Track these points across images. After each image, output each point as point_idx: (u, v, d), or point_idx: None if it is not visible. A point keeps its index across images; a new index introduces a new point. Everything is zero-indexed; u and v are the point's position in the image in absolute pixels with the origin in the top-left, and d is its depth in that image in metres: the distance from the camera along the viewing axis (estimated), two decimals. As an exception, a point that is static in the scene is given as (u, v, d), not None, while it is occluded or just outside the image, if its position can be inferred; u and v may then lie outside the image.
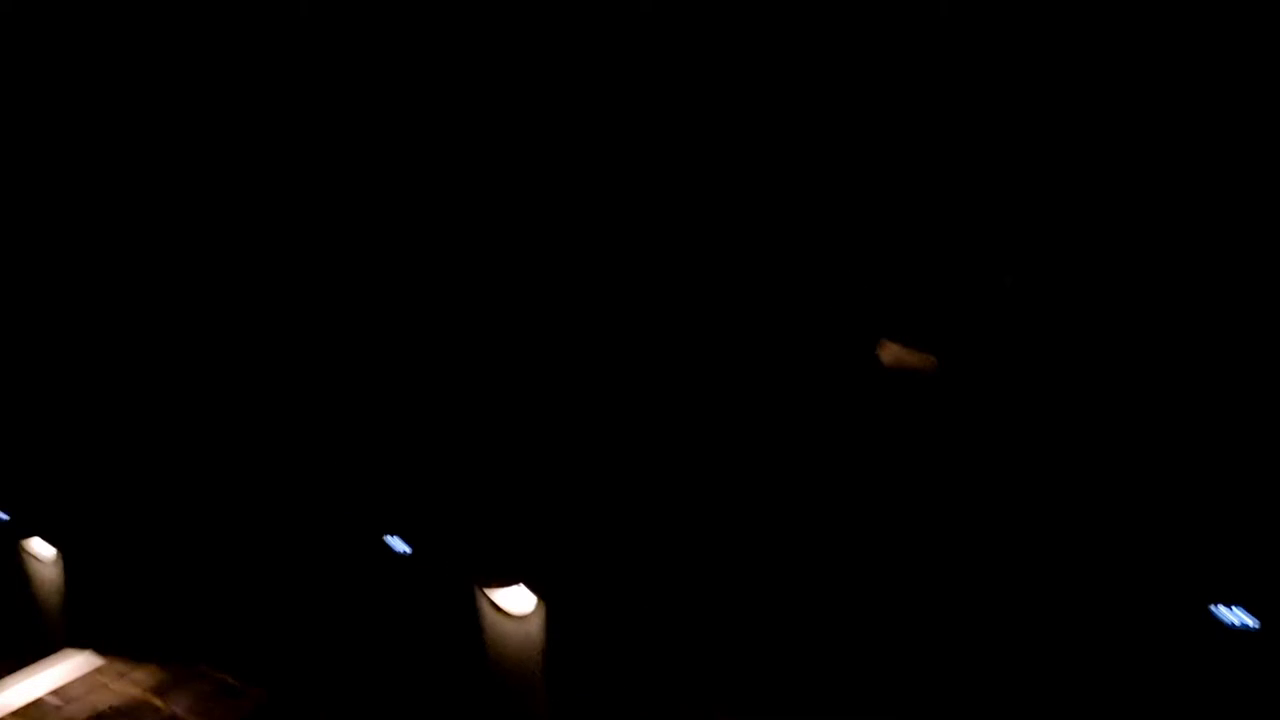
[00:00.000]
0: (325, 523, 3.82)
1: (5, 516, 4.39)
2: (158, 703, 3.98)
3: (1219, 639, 3.03)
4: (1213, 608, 3.04)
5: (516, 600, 3.57)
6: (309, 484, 3.77)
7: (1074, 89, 3.08)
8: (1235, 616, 3.06)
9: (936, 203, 3.42)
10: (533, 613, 3.55)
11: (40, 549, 4.37)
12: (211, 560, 4.14)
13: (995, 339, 3.18)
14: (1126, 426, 3.06)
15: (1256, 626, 3.02)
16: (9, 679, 4.20)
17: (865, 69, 3.54)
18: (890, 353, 3.04)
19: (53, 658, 4.31)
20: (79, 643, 4.42)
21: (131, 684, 4.13)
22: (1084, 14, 3.01)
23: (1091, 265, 3.06)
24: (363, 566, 3.85)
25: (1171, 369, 2.93)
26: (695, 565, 3.25)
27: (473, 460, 3.54)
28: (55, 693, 4.12)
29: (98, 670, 4.26)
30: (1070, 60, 3.08)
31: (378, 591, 3.86)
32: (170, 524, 4.11)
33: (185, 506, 4.01)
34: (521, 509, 3.52)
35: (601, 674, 3.55)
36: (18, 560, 4.39)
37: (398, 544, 3.76)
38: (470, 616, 3.65)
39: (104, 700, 4.01)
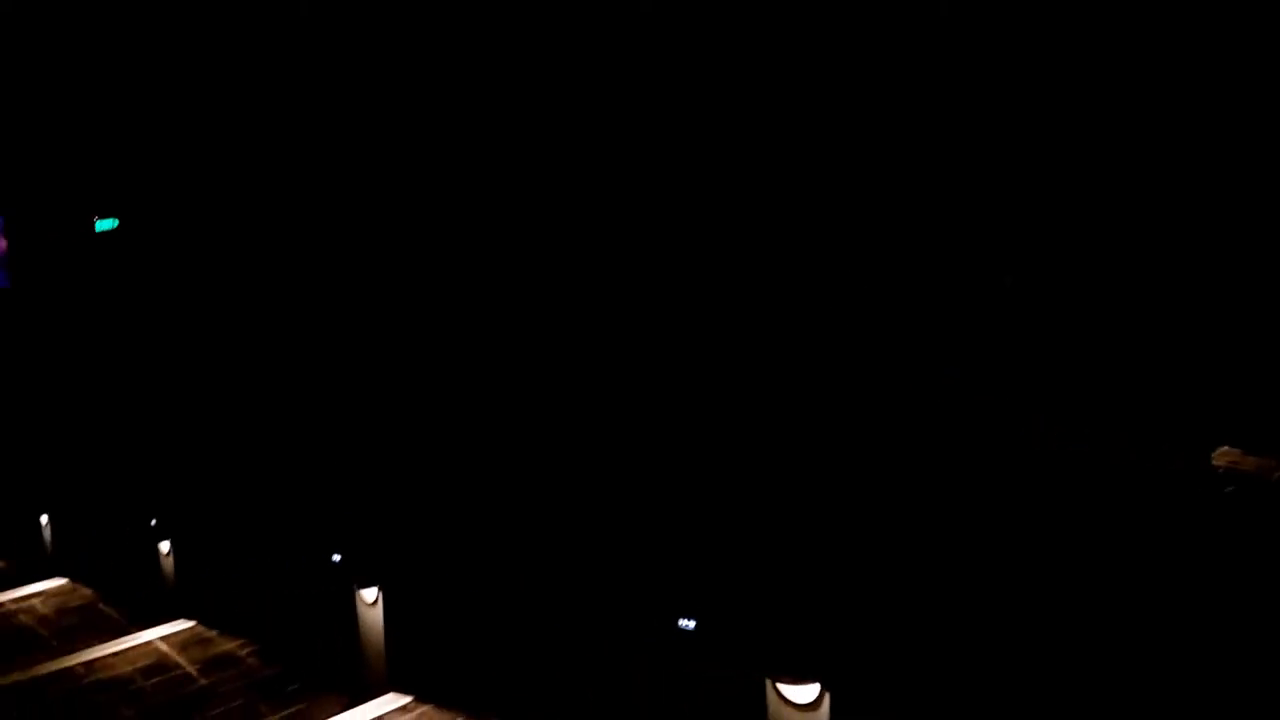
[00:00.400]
0: (623, 598, 3.78)
1: (338, 558, 4.76)
2: (458, 751, 4.14)
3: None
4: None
5: (802, 690, 3.32)
6: (612, 558, 3.75)
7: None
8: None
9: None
10: (819, 703, 3.28)
11: (364, 591, 4.69)
12: (518, 614, 4.22)
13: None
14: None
15: None
16: (341, 715, 4.53)
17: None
18: (1226, 457, 2.72)
19: (376, 701, 4.60)
20: (400, 685, 4.67)
21: (434, 730, 4.33)
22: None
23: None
24: (654, 641, 3.75)
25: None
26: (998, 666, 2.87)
27: (775, 547, 3.36)
28: (375, 728, 4.40)
29: (411, 713, 4.50)
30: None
31: (666, 666, 3.74)
32: (489, 579, 4.25)
33: (504, 563, 4.13)
34: (821, 602, 3.28)
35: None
36: (350, 601, 4.73)
37: (687, 624, 3.65)
38: (754, 700, 3.43)
39: (412, 741, 4.24)
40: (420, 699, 4.61)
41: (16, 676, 5.52)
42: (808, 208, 3.86)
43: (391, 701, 4.61)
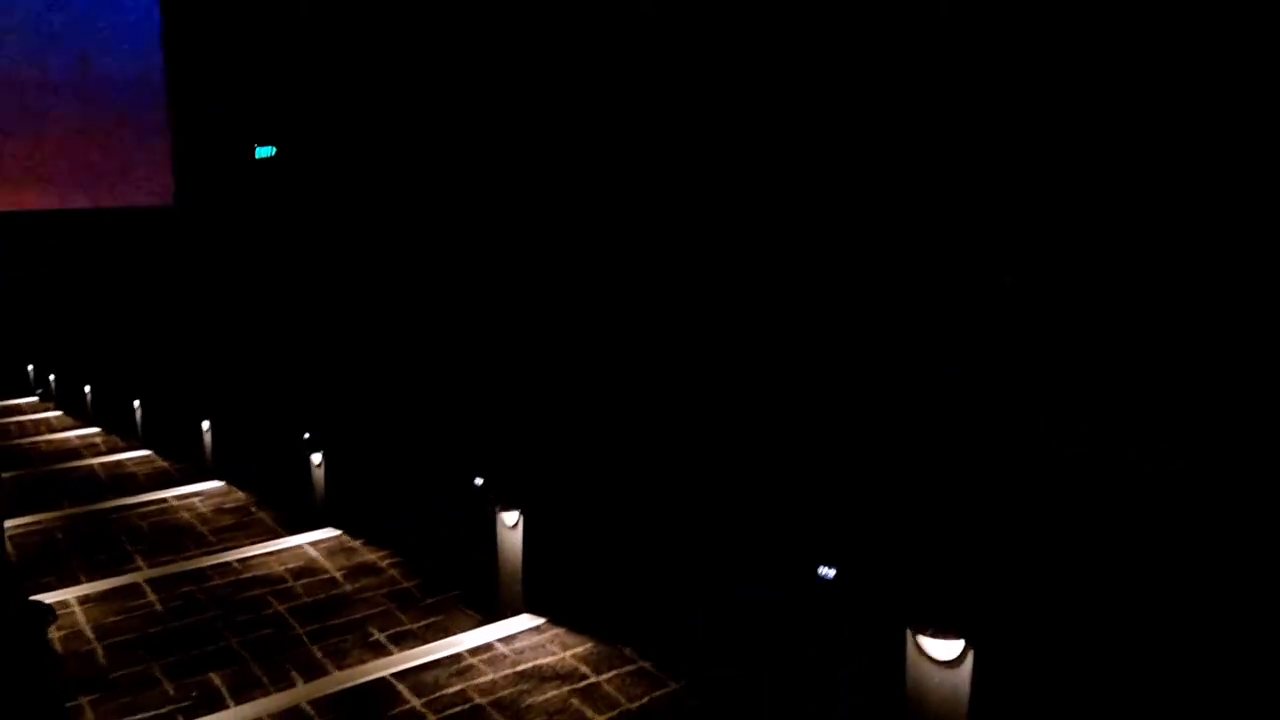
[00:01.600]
0: (765, 541, 3.82)
1: (480, 481, 4.92)
2: (587, 671, 4.25)
3: None
4: None
5: (944, 646, 3.28)
6: (757, 500, 3.79)
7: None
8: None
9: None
10: (961, 659, 3.24)
11: (506, 516, 4.84)
12: (653, 551, 4.30)
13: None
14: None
15: None
16: (475, 629, 4.71)
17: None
18: None
19: (510, 619, 4.76)
20: (534, 607, 4.82)
21: (567, 651, 4.45)
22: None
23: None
24: (791, 589, 3.77)
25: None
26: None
27: (923, 499, 3.34)
28: (506, 642, 4.58)
29: (543, 633, 4.65)
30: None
31: (801, 613, 3.76)
32: (625, 509, 4.34)
33: (646, 496, 4.21)
34: (967, 554, 3.24)
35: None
36: (490, 524, 4.89)
37: (827, 571, 3.65)
38: (893, 654, 3.41)
39: (544, 659, 4.38)
40: (553, 622, 4.74)
41: (181, 565, 5.92)
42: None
43: (525, 622, 4.76)
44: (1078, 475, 2.93)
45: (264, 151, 8.72)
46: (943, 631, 3.22)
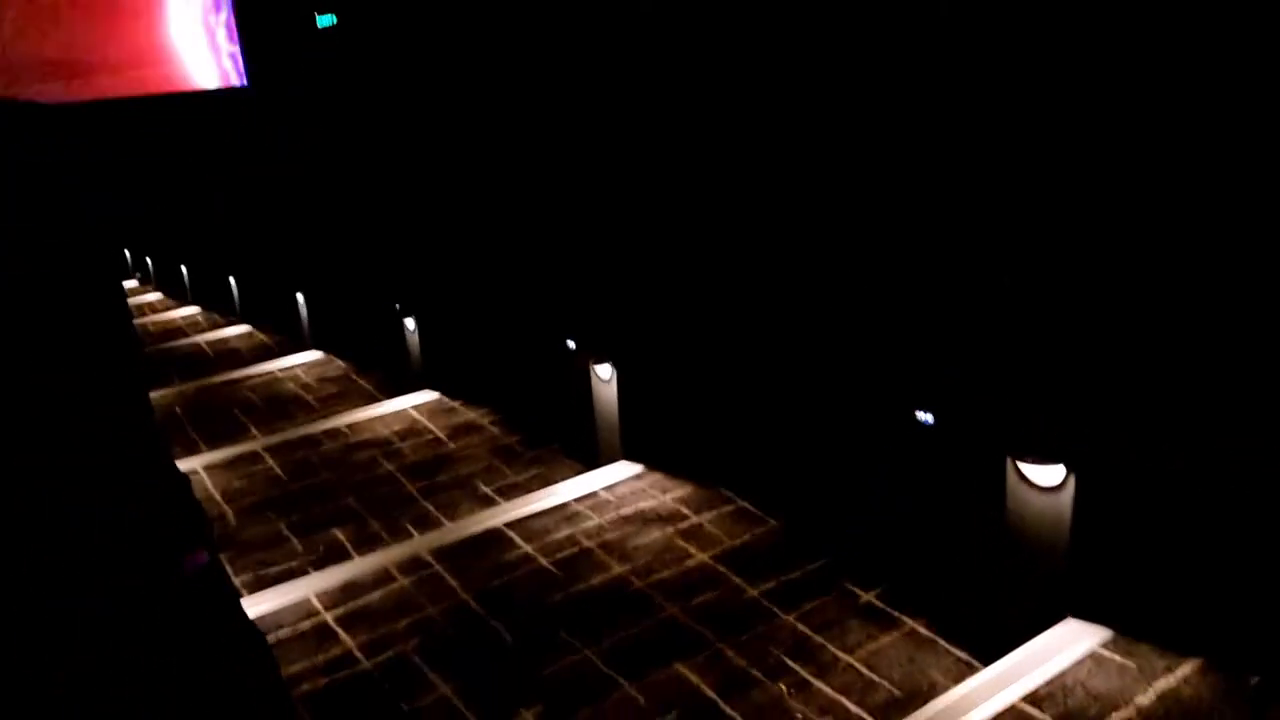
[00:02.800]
0: (857, 389, 3.85)
1: (573, 344, 5.00)
2: (688, 513, 4.39)
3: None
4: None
5: (1045, 472, 3.29)
6: (848, 350, 3.80)
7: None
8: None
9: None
10: (1062, 486, 3.25)
11: (600, 369, 4.93)
12: (747, 396, 4.36)
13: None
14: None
15: None
16: (577, 478, 4.88)
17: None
18: None
19: (609, 467, 4.91)
20: (631, 455, 4.96)
21: (666, 495, 4.60)
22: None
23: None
24: (889, 428, 3.81)
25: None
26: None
27: (1014, 327, 3.31)
28: (608, 489, 4.75)
29: (642, 480, 4.80)
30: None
31: (901, 450, 3.80)
32: (717, 357, 4.39)
33: (732, 341, 4.25)
34: (1064, 379, 3.21)
35: (1129, 557, 3.17)
36: (586, 379, 5.00)
37: (926, 416, 3.67)
38: (992, 483, 3.45)
39: (645, 504, 4.54)
40: (652, 468, 4.89)
41: (293, 431, 6.21)
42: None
43: (625, 469, 4.92)
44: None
45: (325, 20, 8.59)
46: (1044, 457, 3.23)
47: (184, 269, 11.72)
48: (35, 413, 1.79)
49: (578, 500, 4.65)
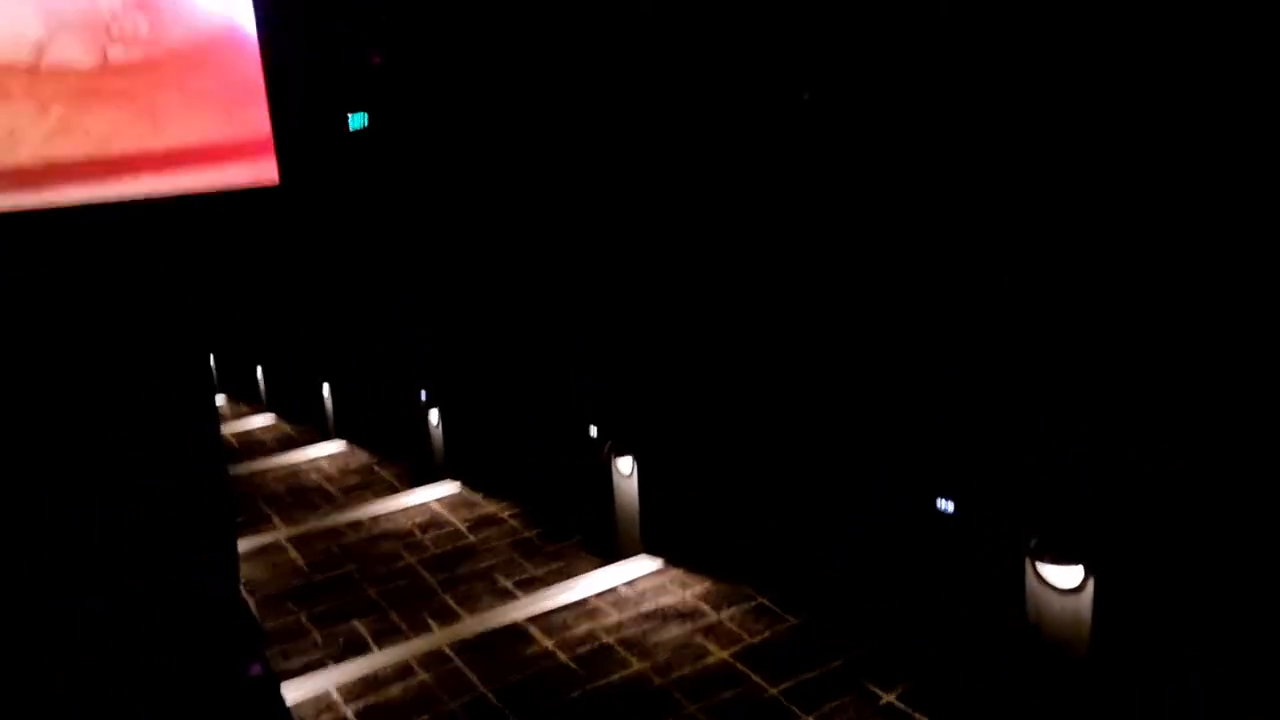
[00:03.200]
0: (876, 478, 3.89)
1: (595, 431, 5.07)
2: (708, 609, 4.40)
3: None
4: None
5: (1063, 573, 3.31)
6: (866, 434, 3.86)
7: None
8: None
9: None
10: (1081, 587, 3.26)
11: (621, 464, 4.99)
12: (767, 491, 4.40)
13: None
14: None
15: None
16: (596, 572, 4.90)
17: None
18: None
19: (629, 561, 4.93)
20: (652, 550, 4.98)
21: (686, 591, 4.62)
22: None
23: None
24: (908, 522, 3.83)
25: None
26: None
27: (1038, 422, 3.36)
28: (628, 585, 4.78)
29: (663, 575, 4.82)
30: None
31: (921, 546, 3.82)
32: (737, 451, 4.44)
33: (757, 439, 4.31)
34: (1083, 479, 3.25)
35: (1155, 663, 3.16)
36: (606, 473, 5.05)
37: (946, 505, 3.71)
38: (1011, 582, 3.46)
39: (665, 599, 4.56)
40: (672, 563, 4.90)
41: (316, 523, 6.27)
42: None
43: (645, 564, 4.93)
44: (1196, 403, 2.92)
45: (357, 121, 8.89)
46: (1063, 558, 3.25)
47: (211, 358, 11.93)
48: (133, 542, 1.93)
49: (598, 595, 4.67)
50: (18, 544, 1.87)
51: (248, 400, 10.73)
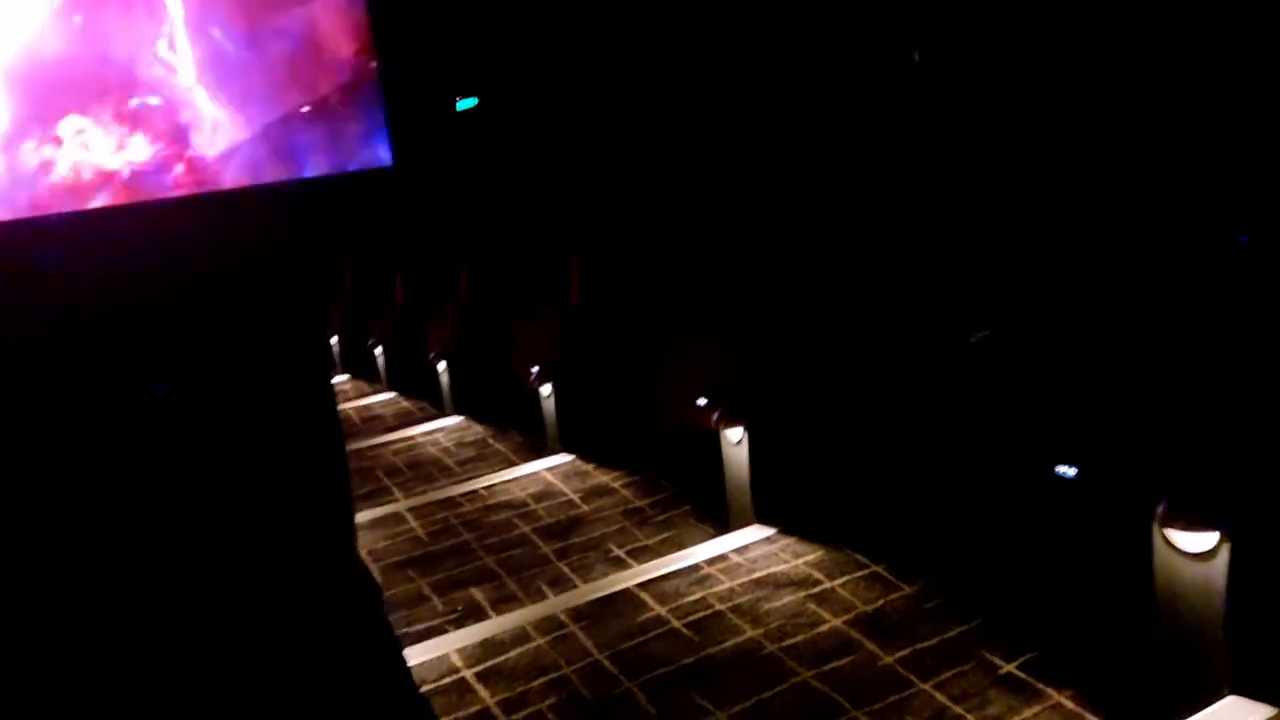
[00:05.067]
0: (1000, 447, 3.79)
1: (703, 401, 5.05)
2: (821, 577, 4.36)
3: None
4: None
5: (1194, 539, 3.16)
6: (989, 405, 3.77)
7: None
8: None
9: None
10: (1215, 553, 3.11)
11: (730, 433, 4.96)
12: (880, 458, 4.33)
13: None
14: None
15: None
16: (708, 541, 4.91)
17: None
18: None
19: (741, 530, 4.92)
20: (763, 519, 4.96)
21: (799, 559, 4.58)
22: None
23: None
24: (1026, 488, 3.73)
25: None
26: None
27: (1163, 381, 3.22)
28: (739, 552, 4.76)
29: (774, 543, 4.79)
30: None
31: (1039, 513, 3.71)
32: (850, 417, 4.39)
33: (865, 400, 4.26)
34: (1218, 439, 3.09)
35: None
36: (715, 441, 5.04)
37: (1067, 471, 3.58)
38: (1139, 549, 3.32)
39: (777, 567, 4.53)
40: (784, 531, 4.87)
41: (434, 494, 6.45)
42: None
43: (757, 532, 4.92)
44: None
45: (465, 104, 9.01)
46: (1194, 523, 3.10)
47: (334, 339, 12.35)
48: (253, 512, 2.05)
49: (709, 563, 4.67)
50: (136, 515, 1.98)
51: (369, 379, 11.08)
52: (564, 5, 6.37)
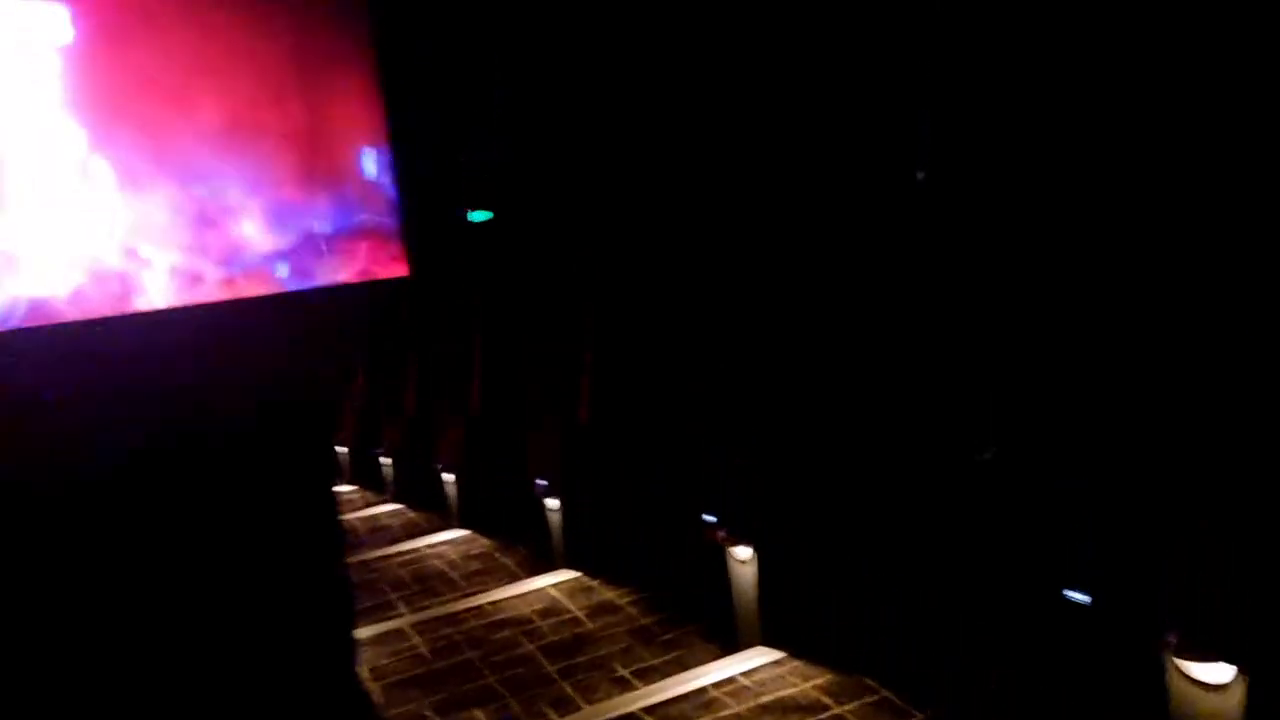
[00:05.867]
0: (1005, 569, 3.77)
1: (712, 519, 5.05)
2: (829, 702, 4.28)
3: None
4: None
5: (1212, 669, 3.11)
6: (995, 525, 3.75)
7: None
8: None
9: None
10: (1231, 685, 3.06)
11: (738, 551, 4.94)
12: (891, 583, 4.29)
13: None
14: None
15: None
16: (715, 663, 4.84)
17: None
18: None
19: (748, 652, 4.85)
20: (771, 640, 4.89)
21: (807, 682, 4.50)
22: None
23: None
24: (1036, 614, 3.69)
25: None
26: None
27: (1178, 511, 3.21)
28: (746, 675, 4.68)
29: (782, 666, 4.72)
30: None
31: (1049, 639, 3.65)
32: (858, 540, 4.36)
33: (879, 526, 4.24)
34: (1230, 571, 3.07)
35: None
36: (722, 559, 5.01)
37: (1077, 595, 3.56)
38: (1151, 676, 3.27)
39: (785, 691, 4.46)
40: (792, 654, 4.79)
41: (438, 609, 6.38)
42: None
43: (764, 654, 4.84)
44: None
45: (478, 216, 9.20)
46: (1208, 654, 3.06)
47: (343, 450, 12.38)
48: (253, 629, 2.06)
49: (716, 686, 4.59)
50: (135, 627, 1.99)
51: (376, 490, 11.06)
52: (570, 119, 6.58)
